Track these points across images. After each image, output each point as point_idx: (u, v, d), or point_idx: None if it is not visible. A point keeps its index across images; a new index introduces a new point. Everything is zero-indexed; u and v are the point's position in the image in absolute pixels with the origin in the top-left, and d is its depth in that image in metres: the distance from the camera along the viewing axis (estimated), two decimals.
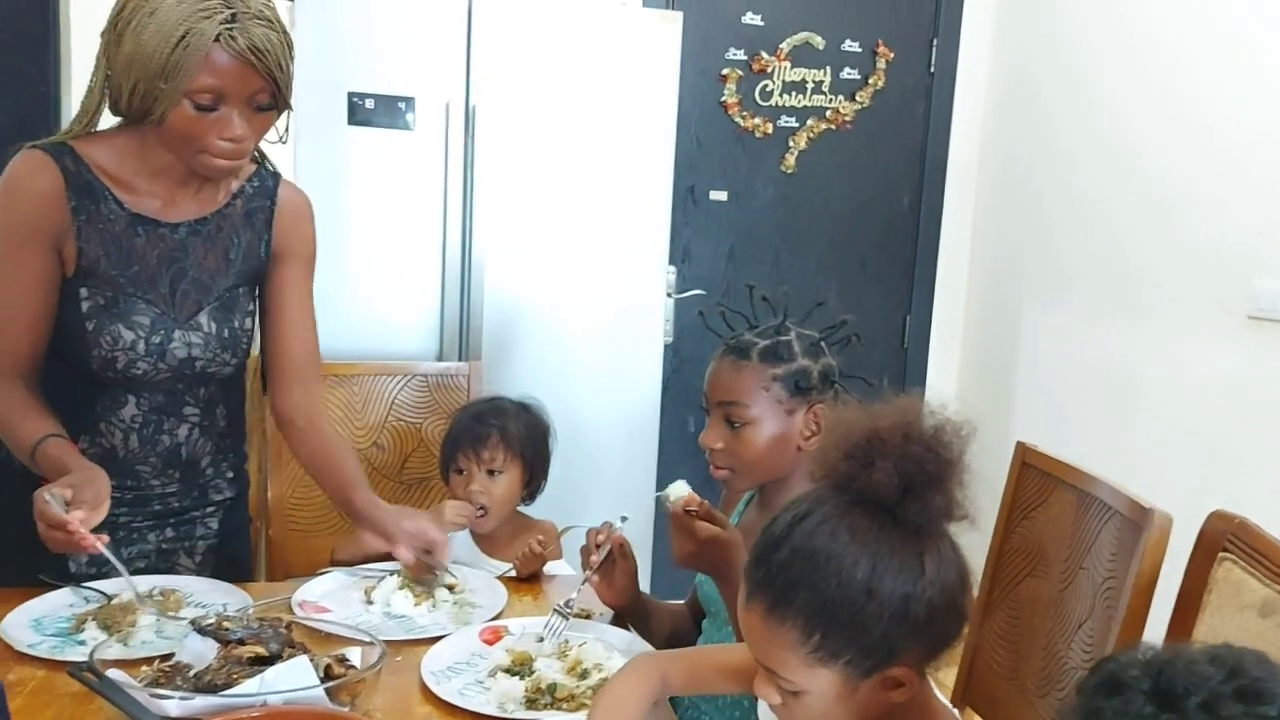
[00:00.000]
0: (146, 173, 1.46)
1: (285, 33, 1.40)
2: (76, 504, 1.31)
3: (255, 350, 2.07)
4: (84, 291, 1.46)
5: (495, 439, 1.83)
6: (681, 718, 1.45)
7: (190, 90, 1.34)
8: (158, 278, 1.48)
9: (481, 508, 1.82)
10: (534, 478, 1.89)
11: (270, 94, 1.39)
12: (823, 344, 1.46)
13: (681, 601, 1.69)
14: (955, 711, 1.00)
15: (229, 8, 1.34)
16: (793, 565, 0.91)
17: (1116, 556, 1.43)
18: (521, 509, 1.92)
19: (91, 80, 1.44)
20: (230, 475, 1.67)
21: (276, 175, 1.59)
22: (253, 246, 1.56)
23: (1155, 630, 1.37)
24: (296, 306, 1.61)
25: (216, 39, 1.32)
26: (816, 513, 0.93)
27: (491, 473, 1.83)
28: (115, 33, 1.38)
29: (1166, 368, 2.66)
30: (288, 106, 1.44)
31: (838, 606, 0.89)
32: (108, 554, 1.36)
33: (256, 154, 1.57)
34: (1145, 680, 0.71)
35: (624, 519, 1.53)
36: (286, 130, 1.50)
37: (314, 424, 1.65)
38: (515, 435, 1.85)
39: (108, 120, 1.48)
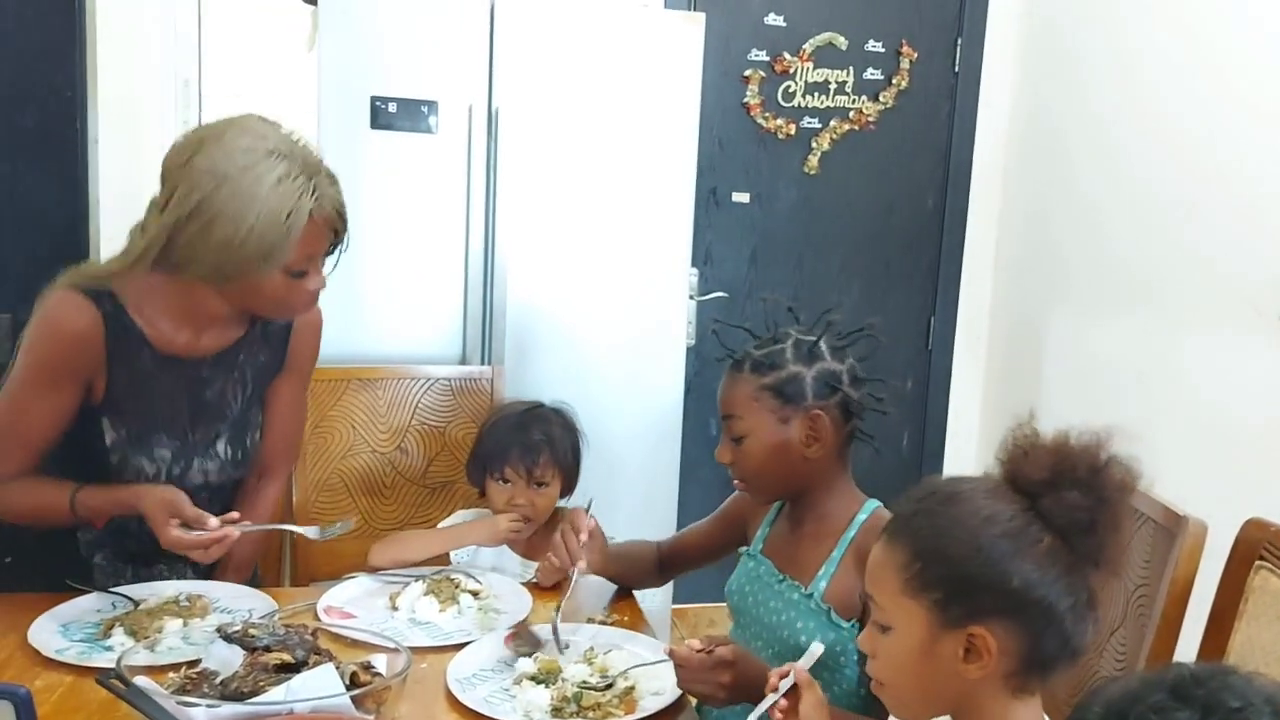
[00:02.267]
0: (179, 313, 1.51)
1: (337, 180, 1.47)
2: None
3: None
4: (107, 422, 1.52)
5: (546, 455, 1.81)
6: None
7: (289, 265, 1.42)
8: (179, 411, 1.55)
9: (525, 519, 1.81)
10: (570, 483, 1.88)
11: (336, 241, 1.49)
12: (822, 348, 1.42)
13: (653, 542, 1.75)
14: None
15: (310, 178, 1.41)
16: (927, 501, 0.99)
17: (1149, 564, 1.41)
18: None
19: (143, 230, 1.45)
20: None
21: None
22: (269, 364, 1.64)
23: (1190, 640, 1.35)
24: (283, 408, 1.69)
25: (310, 215, 1.40)
26: (972, 478, 1.01)
27: (538, 485, 1.81)
28: (197, 213, 1.38)
29: (1197, 371, 2.62)
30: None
31: (945, 542, 0.95)
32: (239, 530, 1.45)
33: None
34: None
35: (591, 502, 1.63)
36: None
37: (252, 498, 1.70)
38: (561, 447, 1.84)
39: None
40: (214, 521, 1.40)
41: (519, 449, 1.80)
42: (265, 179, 1.37)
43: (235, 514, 1.45)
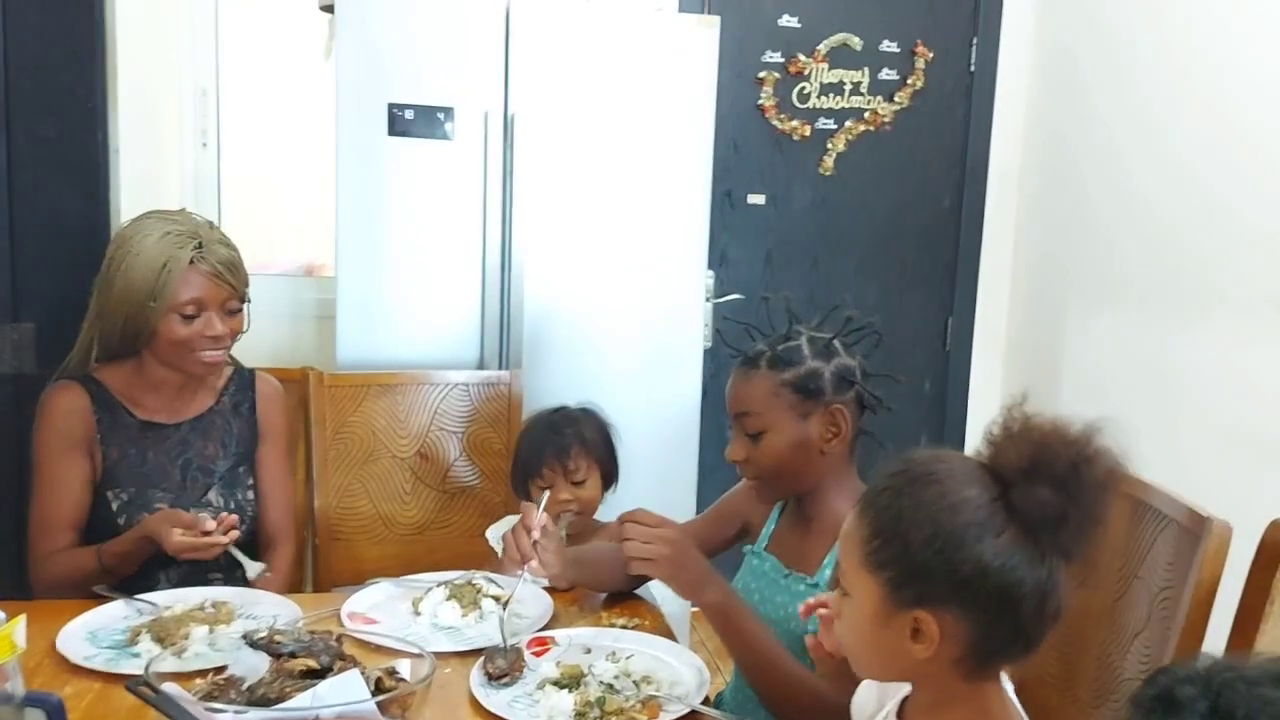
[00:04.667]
0: (147, 388, 1.78)
1: (236, 249, 1.77)
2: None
3: (298, 361, 2.11)
4: (109, 495, 1.74)
5: (577, 448, 1.89)
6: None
7: (175, 305, 1.68)
8: (169, 469, 1.77)
9: (576, 512, 1.88)
10: (609, 479, 1.95)
11: (238, 300, 1.75)
12: (836, 344, 1.45)
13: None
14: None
15: (195, 238, 1.70)
16: (899, 479, 0.97)
17: (1173, 566, 1.40)
18: None
19: (86, 322, 1.78)
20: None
21: (251, 371, 1.92)
22: (245, 433, 1.86)
23: (1215, 642, 1.34)
24: (271, 478, 1.89)
25: (191, 263, 1.68)
26: (953, 457, 0.99)
27: (576, 483, 1.89)
28: (107, 279, 1.71)
29: (1218, 370, 2.61)
30: (247, 301, 1.79)
31: (904, 525, 0.94)
32: (231, 549, 1.64)
33: (230, 359, 1.87)
34: (1202, 701, 0.68)
35: (545, 498, 1.66)
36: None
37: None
38: (592, 441, 1.92)
39: None
40: (210, 524, 1.58)
41: (552, 449, 1.89)
42: (151, 236, 1.69)
43: (233, 518, 1.62)
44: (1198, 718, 0.68)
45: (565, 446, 1.89)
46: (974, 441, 3.36)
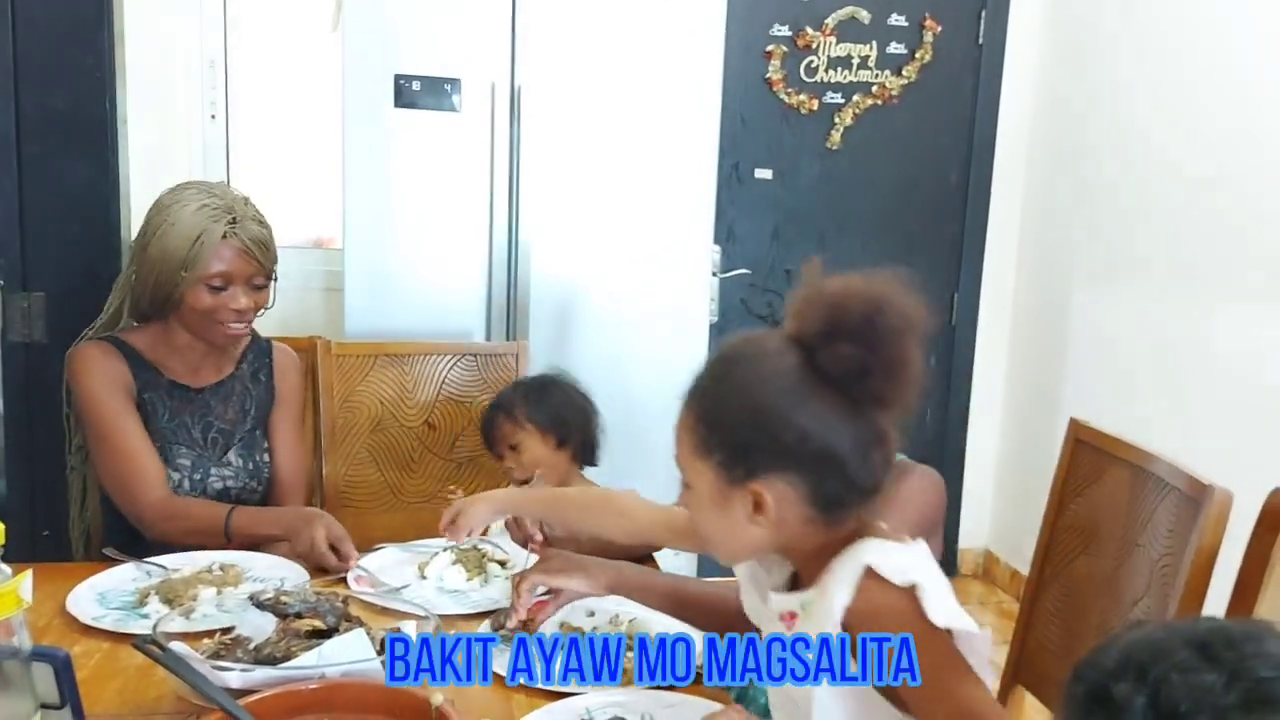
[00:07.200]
0: (172, 352, 1.81)
1: (269, 227, 1.80)
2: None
3: (307, 332, 2.12)
4: None
5: (499, 419, 1.94)
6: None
7: (204, 277, 1.71)
8: (191, 428, 1.82)
9: (524, 482, 1.88)
10: (565, 438, 1.91)
11: (265, 276, 1.78)
12: None
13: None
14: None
15: (230, 213, 1.73)
16: (716, 366, 1.03)
17: (1174, 533, 1.40)
18: (590, 476, 1.98)
19: (119, 283, 1.84)
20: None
21: (269, 341, 1.96)
22: (262, 398, 1.91)
23: (1214, 610, 1.35)
24: (280, 442, 1.91)
25: (224, 237, 1.71)
26: (760, 334, 1.02)
27: (512, 447, 1.92)
28: (143, 242, 1.74)
29: (1221, 345, 2.60)
30: (274, 279, 1.82)
31: (723, 407, 0.99)
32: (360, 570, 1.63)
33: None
34: (1139, 698, 0.65)
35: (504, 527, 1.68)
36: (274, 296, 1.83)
37: None
38: (518, 405, 1.93)
39: None
40: (354, 555, 1.62)
41: (483, 430, 1.98)
42: (188, 206, 1.72)
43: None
44: (1140, 718, 0.65)
45: (488, 424, 1.97)
46: (979, 417, 3.41)
